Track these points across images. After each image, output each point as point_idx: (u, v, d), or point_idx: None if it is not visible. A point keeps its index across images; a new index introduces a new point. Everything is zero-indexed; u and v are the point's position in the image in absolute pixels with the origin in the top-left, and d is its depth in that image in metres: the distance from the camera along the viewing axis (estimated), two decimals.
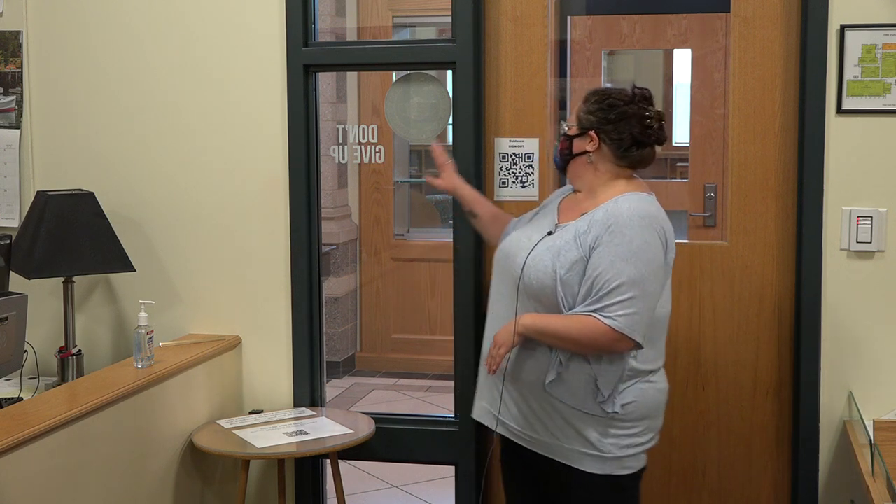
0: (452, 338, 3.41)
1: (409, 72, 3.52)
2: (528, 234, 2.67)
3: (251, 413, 3.42)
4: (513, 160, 3.38)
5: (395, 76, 3.68)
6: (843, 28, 3.05)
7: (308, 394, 3.51)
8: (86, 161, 3.61)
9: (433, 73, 3.56)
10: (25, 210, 3.58)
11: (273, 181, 3.47)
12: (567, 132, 2.68)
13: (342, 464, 3.30)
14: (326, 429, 3.25)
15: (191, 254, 3.56)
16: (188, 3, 3.50)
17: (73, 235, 3.33)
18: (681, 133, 4.84)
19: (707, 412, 3.31)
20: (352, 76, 6.22)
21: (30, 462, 2.50)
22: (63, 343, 3.46)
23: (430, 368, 6.33)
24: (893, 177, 3.08)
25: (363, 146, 3.61)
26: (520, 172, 3.38)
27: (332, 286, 6.26)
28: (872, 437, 2.73)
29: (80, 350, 3.47)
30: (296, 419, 3.35)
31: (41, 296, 3.60)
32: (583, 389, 2.52)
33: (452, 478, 3.47)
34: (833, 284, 3.12)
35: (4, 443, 2.40)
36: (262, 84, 3.46)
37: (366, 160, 3.61)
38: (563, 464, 2.57)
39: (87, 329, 3.65)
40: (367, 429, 3.26)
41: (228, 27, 3.47)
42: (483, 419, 2.75)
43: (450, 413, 3.54)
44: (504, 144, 3.39)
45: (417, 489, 4.73)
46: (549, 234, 2.61)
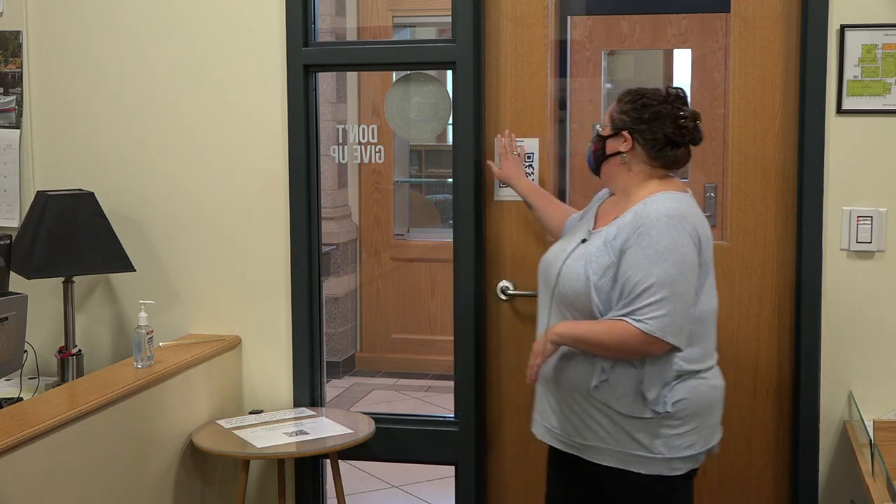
0: (452, 338, 3.41)
1: (409, 72, 3.52)
2: (566, 243, 2.66)
3: (251, 413, 3.42)
4: None
5: (395, 76, 3.68)
6: (843, 28, 3.05)
7: (308, 394, 3.51)
8: (86, 161, 3.61)
9: (433, 73, 3.56)
10: (25, 210, 3.58)
11: (273, 181, 3.47)
12: (600, 133, 2.65)
13: (342, 464, 3.29)
14: (326, 429, 3.25)
15: (191, 254, 3.56)
16: (188, 3, 3.50)
17: (73, 235, 3.33)
18: None
19: None
20: (352, 76, 6.22)
21: (30, 462, 2.50)
22: (63, 343, 3.46)
23: (430, 368, 6.32)
24: (893, 177, 3.08)
25: (363, 146, 3.61)
26: None
27: (332, 286, 6.26)
28: (872, 437, 2.73)
29: (80, 350, 3.47)
30: (296, 419, 3.35)
31: (41, 296, 3.60)
32: (631, 392, 2.48)
33: (452, 478, 3.47)
34: (833, 284, 3.12)
35: (4, 443, 2.40)
36: (262, 84, 3.46)
37: (366, 160, 3.61)
38: (611, 467, 2.53)
39: (87, 329, 3.65)
40: (367, 429, 3.26)
41: (228, 27, 3.47)
42: (534, 430, 2.72)
43: (450, 413, 3.53)
44: None
45: (417, 489, 4.73)
46: (583, 242, 2.59)
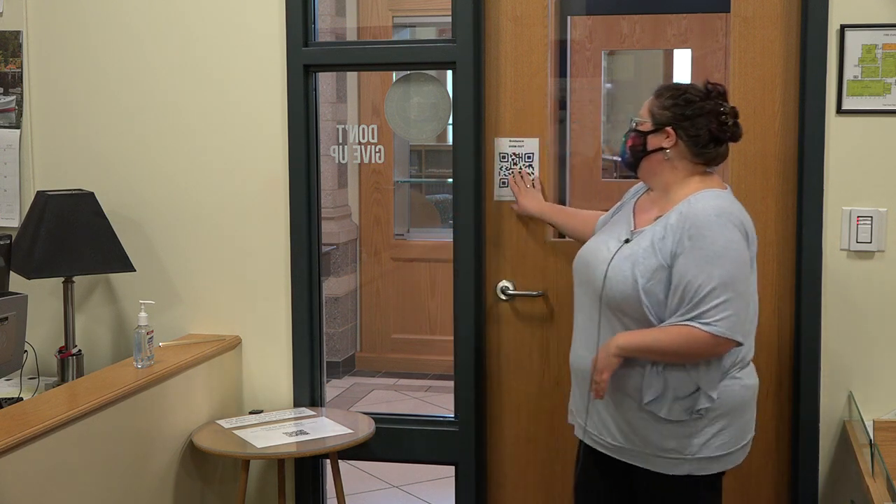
0: (452, 338, 3.41)
1: (409, 72, 3.52)
2: (606, 242, 2.62)
3: (251, 413, 3.42)
4: (513, 160, 3.38)
5: (395, 76, 3.68)
6: (843, 28, 3.05)
7: (308, 394, 3.51)
8: (86, 161, 3.61)
9: (433, 73, 3.56)
10: (25, 210, 3.58)
11: (273, 181, 3.47)
12: (638, 128, 2.61)
13: (342, 464, 3.29)
14: (326, 429, 3.25)
15: (191, 254, 3.56)
16: (188, 3, 3.50)
17: (73, 235, 3.33)
18: None
19: None
20: (352, 76, 6.22)
21: (30, 462, 2.50)
22: (63, 343, 3.45)
23: (430, 368, 6.32)
24: (893, 177, 3.08)
25: (363, 146, 3.61)
26: None
27: (332, 286, 6.25)
28: (872, 437, 2.73)
29: (80, 350, 3.47)
30: (296, 419, 3.35)
31: (41, 296, 3.60)
32: (686, 399, 2.47)
33: (452, 478, 3.47)
34: (833, 284, 3.12)
35: (4, 443, 2.40)
36: (262, 84, 3.46)
37: (366, 160, 3.61)
38: (644, 468, 2.53)
39: (87, 329, 3.65)
40: (367, 429, 3.26)
41: (228, 27, 3.47)
42: (579, 435, 2.71)
43: (450, 413, 3.53)
44: (504, 144, 3.39)
45: (417, 489, 4.73)
46: (627, 242, 2.56)
